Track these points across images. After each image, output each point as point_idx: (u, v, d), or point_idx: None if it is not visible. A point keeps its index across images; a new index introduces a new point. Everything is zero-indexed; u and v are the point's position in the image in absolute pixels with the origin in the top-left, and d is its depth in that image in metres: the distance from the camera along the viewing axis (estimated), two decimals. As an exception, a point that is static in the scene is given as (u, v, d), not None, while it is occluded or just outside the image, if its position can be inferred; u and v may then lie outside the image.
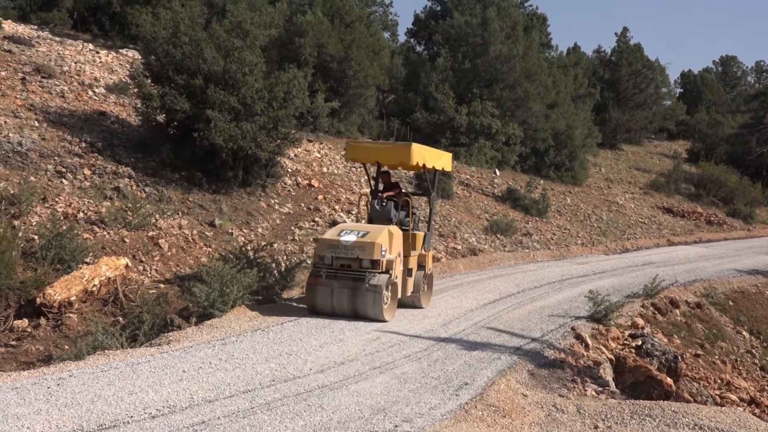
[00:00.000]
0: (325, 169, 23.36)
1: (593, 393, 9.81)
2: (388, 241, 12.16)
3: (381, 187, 14.40)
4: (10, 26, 25.05)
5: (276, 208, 19.29)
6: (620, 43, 53.58)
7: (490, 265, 21.21)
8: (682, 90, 69.39)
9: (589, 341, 12.59)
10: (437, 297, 15.40)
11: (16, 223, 13.36)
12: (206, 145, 17.72)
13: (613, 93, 50.85)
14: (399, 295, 12.75)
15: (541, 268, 21.36)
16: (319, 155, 25.19)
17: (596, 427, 7.86)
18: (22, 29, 25.81)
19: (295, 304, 13.34)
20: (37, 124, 17.75)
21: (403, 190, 14.88)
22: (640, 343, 13.49)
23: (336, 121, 28.10)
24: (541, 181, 33.54)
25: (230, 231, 16.85)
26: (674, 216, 37.81)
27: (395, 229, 12.65)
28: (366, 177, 16.32)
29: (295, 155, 23.60)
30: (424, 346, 10.75)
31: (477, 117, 32.62)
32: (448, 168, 15.15)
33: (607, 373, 11.43)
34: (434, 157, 14.21)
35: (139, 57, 21.66)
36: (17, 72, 20.81)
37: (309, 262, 14.46)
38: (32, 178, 15.16)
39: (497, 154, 33.87)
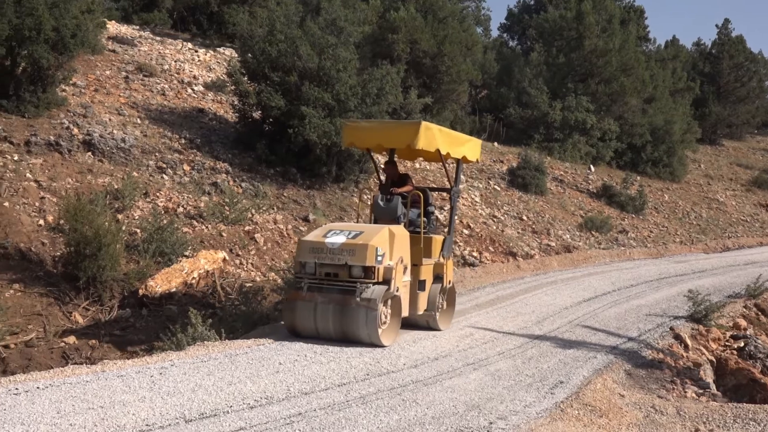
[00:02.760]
0: (417, 165, 23.35)
1: (693, 395, 9.55)
2: (386, 243, 9.72)
3: (391, 182, 11.82)
4: (114, 27, 25.91)
5: (368, 203, 19.38)
6: (721, 35, 51.82)
7: (585, 262, 20.87)
8: (787, 83, 66.57)
9: (689, 342, 12.24)
10: (530, 294, 15.25)
11: (120, 217, 13.83)
12: (301, 141, 17.96)
13: (713, 87, 49.20)
14: (405, 313, 10.32)
15: (637, 266, 20.90)
16: (411, 151, 25.19)
17: (697, 430, 7.63)
18: (125, 30, 26.67)
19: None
20: (139, 121, 18.33)
21: (416, 184, 12.40)
22: (742, 344, 13.04)
23: (429, 116, 28.00)
24: (638, 178, 32.81)
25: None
26: (779, 214, 36.45)
27: (399, 230, 10.19)
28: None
29: (388, 151, 23.67)
30: (518, 343, 10.65)
31: (571, 112, 32.11)
32: (473, 157, 12.17)
33: (708, 374, 11.12)
34: (454, 143, 11.52)
35: (236, 55, 22.11)
36: (121, 71, 21.52)
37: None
38: (135, 173, 15.65)
39: (592, 150, 33.25)
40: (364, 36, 23.59)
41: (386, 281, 9.62)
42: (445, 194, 17.76)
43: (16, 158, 14.39)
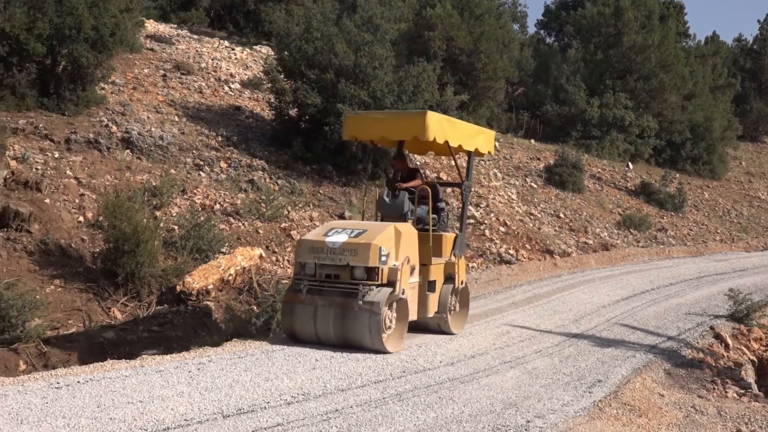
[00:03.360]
0: (453, 162, 23.30)
1: (734, 395, 9.40)
2: (391, 242, 9.00)
3: (399, 176, 10.80)
4: (152, 26, 26.15)
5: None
6: (763, 30, 50.95)
7: (623, 260, 20.66)
8: (831, 79, 65.20)
9: (730, 341, 12.07)
10: (568, 292, 15.12)
11: (158, 213, 13.95)
12: (337, 138, 17.99)
13: (755, 83, 48.37)
14: (413, 317, 9.61)
15: (676, 265, 20.65)
16: (447, 148, 25.10)
17: (739, 431, 7.51)
18: (162, 28, 26.91)
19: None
20: (176, 118, 18.48)
21: (426, 179, 11.53)
22: (785, 344, 12.85)
23: (465, 114, 27.89)
24: (677, 175, 32.39)
25: (360, 223, 17.03)
26: (822, 212, 35.79)
27: (405, 227, 9.46)
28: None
29: (424, 148, 23.62)
30: (555, 341, 10.56)
31: (609, 109, 31.80)
32: (486, 150, 11.45)
33: (749, 375, 10.96)
34: (464, 134, 10.69)
35: (273, 53, 22.22)
36: (159, 69, 21.72)
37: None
38: (172, 170, 15.79)
39: (630, 147, 32.90)
40: (401, 33, 23.57)
41: (391, 283, 8.89)
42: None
43: (56, 156, 14.59)
